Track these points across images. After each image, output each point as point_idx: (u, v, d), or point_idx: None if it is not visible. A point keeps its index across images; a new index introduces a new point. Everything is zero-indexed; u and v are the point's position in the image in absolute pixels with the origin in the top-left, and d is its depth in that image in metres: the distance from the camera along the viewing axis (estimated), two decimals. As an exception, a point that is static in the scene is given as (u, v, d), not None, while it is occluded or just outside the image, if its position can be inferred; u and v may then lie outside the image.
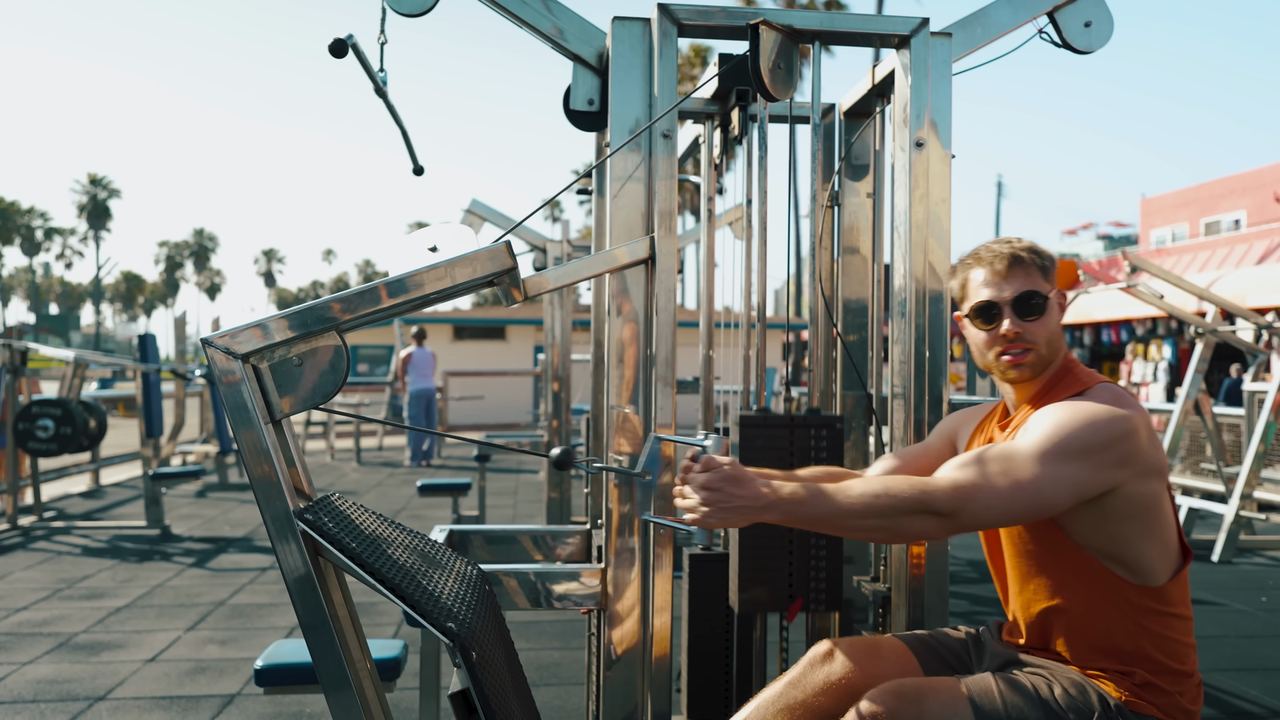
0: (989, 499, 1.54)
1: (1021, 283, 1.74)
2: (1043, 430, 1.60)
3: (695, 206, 30.55)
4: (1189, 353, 9.39)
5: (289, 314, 1.49)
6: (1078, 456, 1.56)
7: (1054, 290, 1.77)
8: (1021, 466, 1.56)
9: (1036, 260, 1.76)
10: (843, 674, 1.76)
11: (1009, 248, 1.77)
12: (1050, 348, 1.75)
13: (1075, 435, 1.57)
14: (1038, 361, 1.75)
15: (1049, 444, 1.57)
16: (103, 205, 72.30)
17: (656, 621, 2.11)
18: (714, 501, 1.53)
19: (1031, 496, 1.55)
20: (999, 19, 2.27)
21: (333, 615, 1.47)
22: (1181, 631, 1.68)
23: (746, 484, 1.54)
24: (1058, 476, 1.55)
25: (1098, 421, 1.58)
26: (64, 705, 3.32)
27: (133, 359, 7.56)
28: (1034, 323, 1.74)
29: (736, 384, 2.87)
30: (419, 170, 2.37)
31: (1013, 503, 1.55)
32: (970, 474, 1.57)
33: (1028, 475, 1.55)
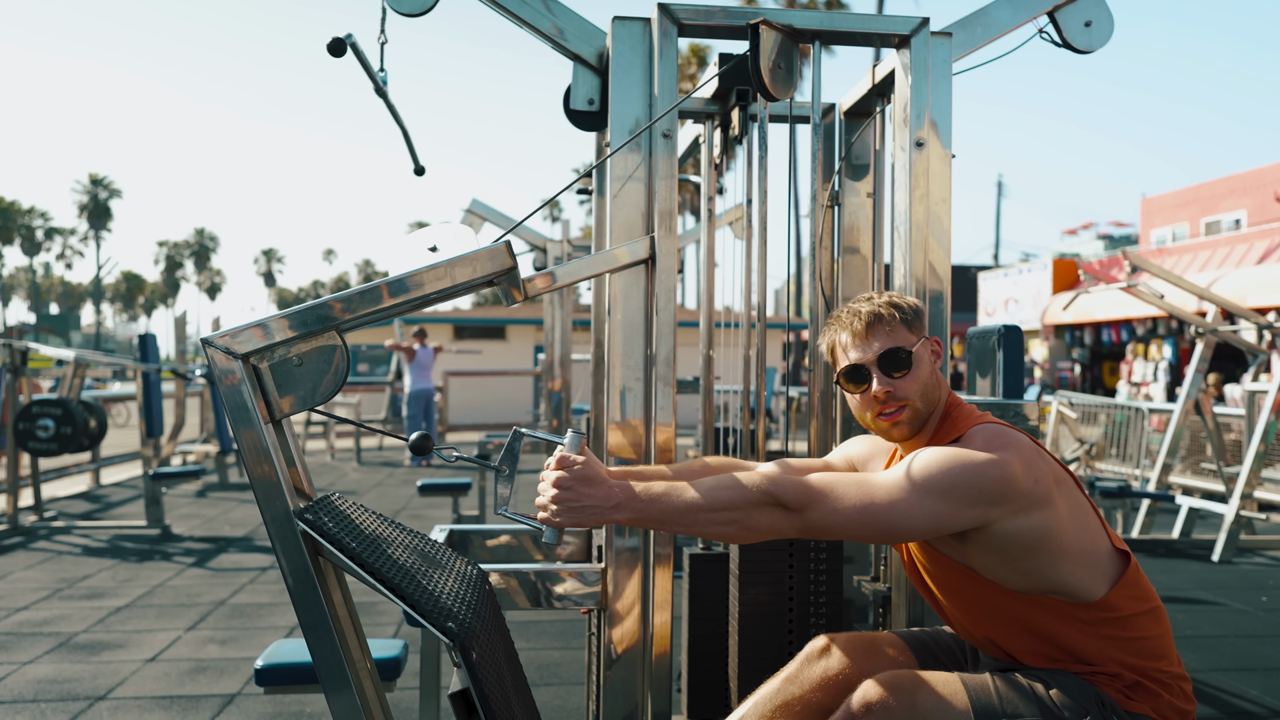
0: (835, 506, 1.55)
1: (884, 340, 1.73)
2: (908, 464, 1.61)
3: (695, 206, 30.51)
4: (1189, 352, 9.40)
5: (289, 314, 1.49)
6: (938, 494, 1.56)
7: (920, 340, 1.75)
8: (877, 491, 1.57)
9: (896, 315, 1.74)
10: (840, 669, 1.76)
11: (868, 305, 1.76)
12: (926, 400, 1.74)
13: (938, 474, 1.57)
14: (914, 417, 1.74)
15: (911, 477, 1.58)
16: (103, 205, 72.33)
17: (656, 621, 2.11)
18: (564, 500, 1.54)
19: (881, 517, 1.55)
20: (999, 19, 2.27)
21: (333, 615, 1.47)
22: (1145, 627, 1.66)
23: (597, 484, 1.55)
24: (912, 505, 1.55)
25: (963, 463, 1.58)
26: (64, 705, 3.32)
27: (133, 359, 7.56)
28: (902, 379, 1.72)
29: (736, 384, 2.88)
30: (420, 170, 2.38)
31: (860, 515, 1.55)
32: (828, 480, 1.58)
33: (882, 498, 1.56)
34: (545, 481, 1.58)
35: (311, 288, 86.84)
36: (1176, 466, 7.34)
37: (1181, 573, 5.65)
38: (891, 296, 1.79)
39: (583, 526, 1.56)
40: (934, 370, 1.76)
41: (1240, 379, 10.63)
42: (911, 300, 1.79)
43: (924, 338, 1.76)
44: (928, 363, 1.75)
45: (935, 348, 1.78)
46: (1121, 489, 6.24)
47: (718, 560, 2.53)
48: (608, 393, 2.14)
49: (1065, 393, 9.63)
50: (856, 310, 1.77)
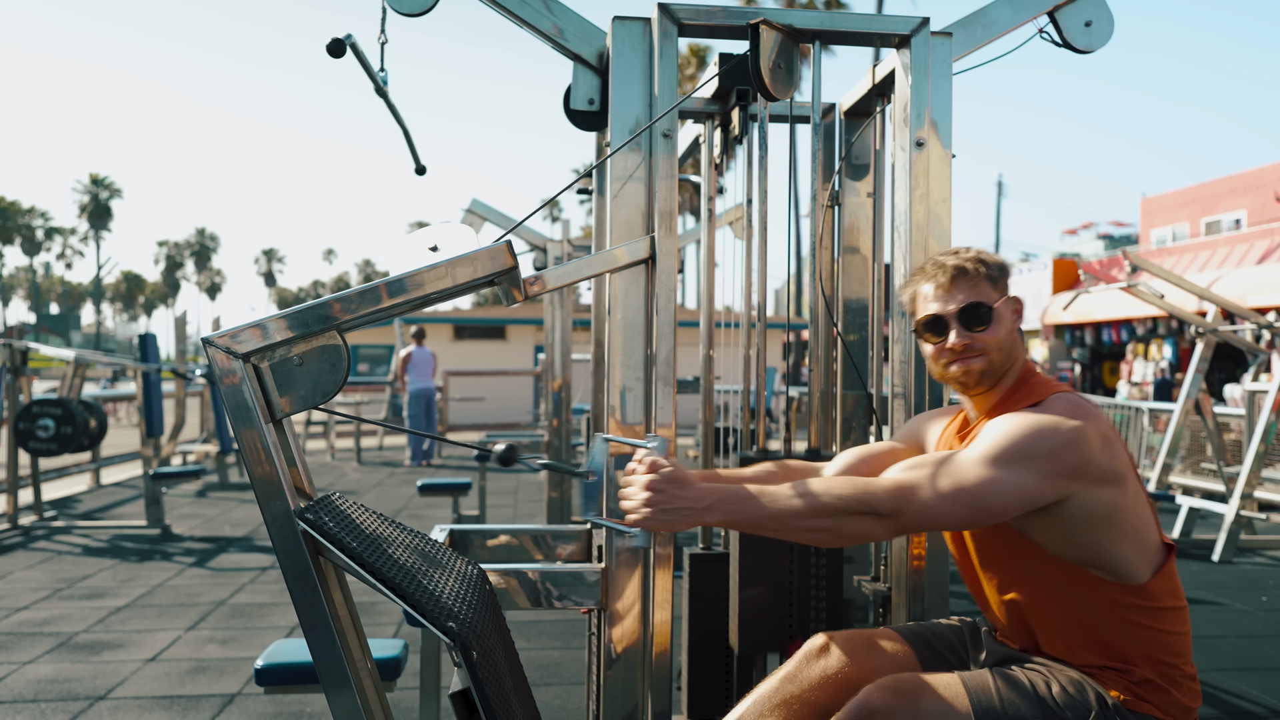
0: (930, 500, 1.54)
1: (967, 294, 1.73)
2: (990, 438, 1.60)
3: (695, 206, 30.55)
4: (1189, 352, 9.39)
5: (289, 313, 1.49)
6: (1023, 464, 1.55)
7: (1004, 298, 1.76)
8: (965, 471, 1.56)
9: (982, 270, 1.75)
10: (839, 668, 1.76)
11: (954, 259, 1.77)
12: (1003, 355, 1.74)
13: (1022, 443, 1.57)
14: (989, 369, 1.74)
15: (995, 451, 1.57)
16: (104, 205, 72.32)
17: (657, 621, 2.11)
18: (656, 503, 1.53)
19: (974, 500, 1.54)
20: (999, 18, 2.27)
21: (333, 615, 1.47)
22: (1172, 623, 1.67)
23: (688, 485, 1.55)
24: (1003, 483, 1.55)
25: (1045, 430, 1.58)
26: (64, 705, 3.32)
27: (133, 359, 7.56)
28: (982, 332, 1.73)
29: (737, 384, 2.88)
30: (420, 170, 2.38)
31: (954, 506, 1.55)
32: (913, 476, 1.57)
33: (971, 480, 1.55)
34: (634, 485, 1.57)
35: (312, 288, 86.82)
36: (1176, 466, 7.34)
37: (1182, 573, 5.60)
38: (979, 252, 1.79)
39: (673, 530, 1.56)
40: (1013, 330, 1.76)
41: (1240, 379, 10.62)
42: (997, 258, 1.79)
43: (1007, 296, 1.76)
44: (1008, 321, 1.75)
45: (1017, 307, 1.78)
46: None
47: (718, 560, 2.53)
48: (608, 392, 2.14)
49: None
50: (941, 263, 1.78)
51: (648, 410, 2.11)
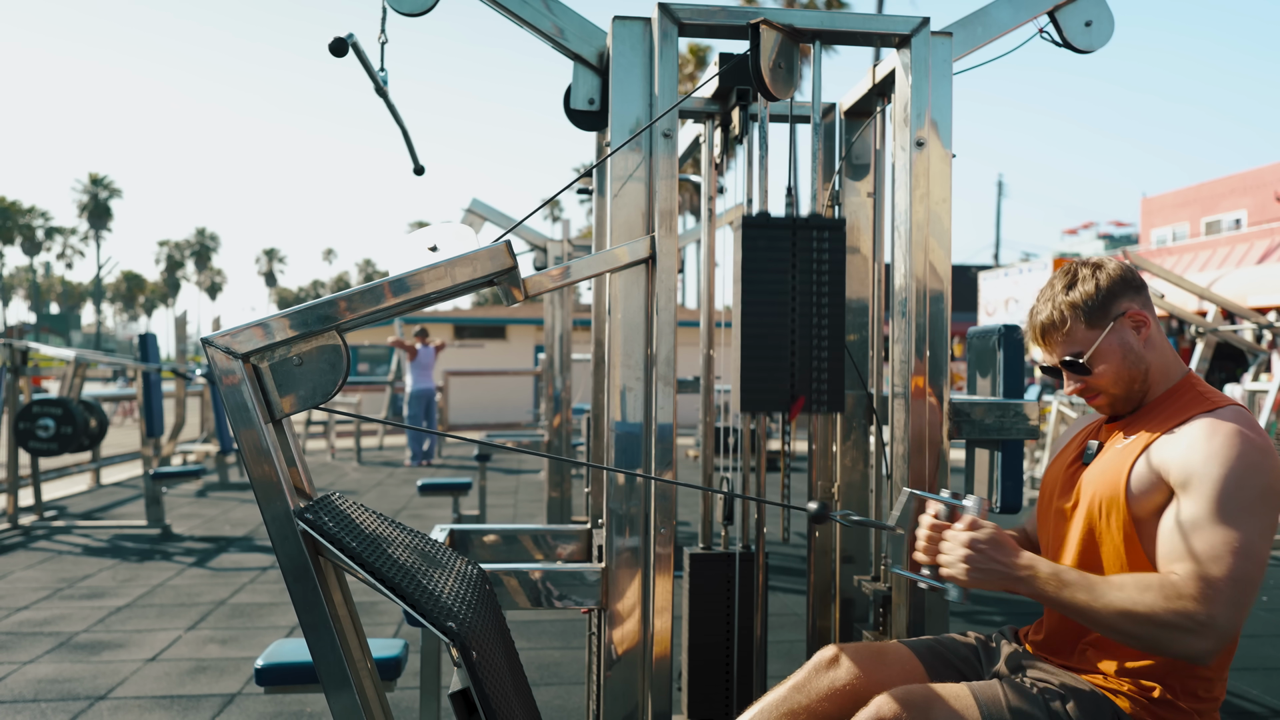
0: (1236, 596, 1.47)
1: (1062, 347, 1.73)
2: (1209, 502, 1.52)
3: (695, 206, 30.55)
4: (1189, 352, 9.39)
5: (289, 313, 1.49)
6: (1254, 511, 1.51)
7: (1108, 329, 1.70)
8: (1228, 555, 1.49)
9: (1070, 314, 1.71)
10: (847, 680, 1.75)
11: (1045, 309, 1.75)
12: (1125, 383, 1.71)
13: (1252, 483, 1.52)
14: (1116, 400, 1.74)
15: (1232, 501, 1.51)
16: (104, 205, 72.31)
17: (657, 621, 2.11)
18: (974, 561, 1.55)
19: (1255, 576, 1.49)
20: (999, 18, 2.27)
21: (333, 615, 1.47)
22: (1217, 668, 1.64)
23: (1010, 551, 1.56)
24: (1253, 545, 1.49)
25: (1256, 491, 1.52)
26: (65, 705, 3.32)
27: (133, 358, 7.56)
28: (1091, 376, 1.72)
29: (737, 383, 2.87)
30: (419, 170, 2.37)
31: (1244, 596, 1.49)
32: (1199, 582, 1.48)
33: (1238, 558, 1.48)
34: (952, 542, 1.59)
35: (312, 287, 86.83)
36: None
37: (1182, 572, 5.64)
38: (1071, 289, 1.73)
39: (987, 589, 1.59)
40: (1130, 351, 1.70)
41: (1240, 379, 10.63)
42: (1091, 287, 1.71)
43: (1114, 321, 1.70)
44: (1117, 350, 1.70)
45: (1136, 319, 1.71)
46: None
47: (718, 560, 2.53)
48: (608, 392, 2.14)
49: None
50: (1035, 310, 1.77)
51: (648, 410, 2.11)
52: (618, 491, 2.10)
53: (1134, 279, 1.74)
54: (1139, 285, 1.74)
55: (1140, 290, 1.74)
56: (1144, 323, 1.72)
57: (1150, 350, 1.72)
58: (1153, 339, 1.72)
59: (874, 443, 2.58)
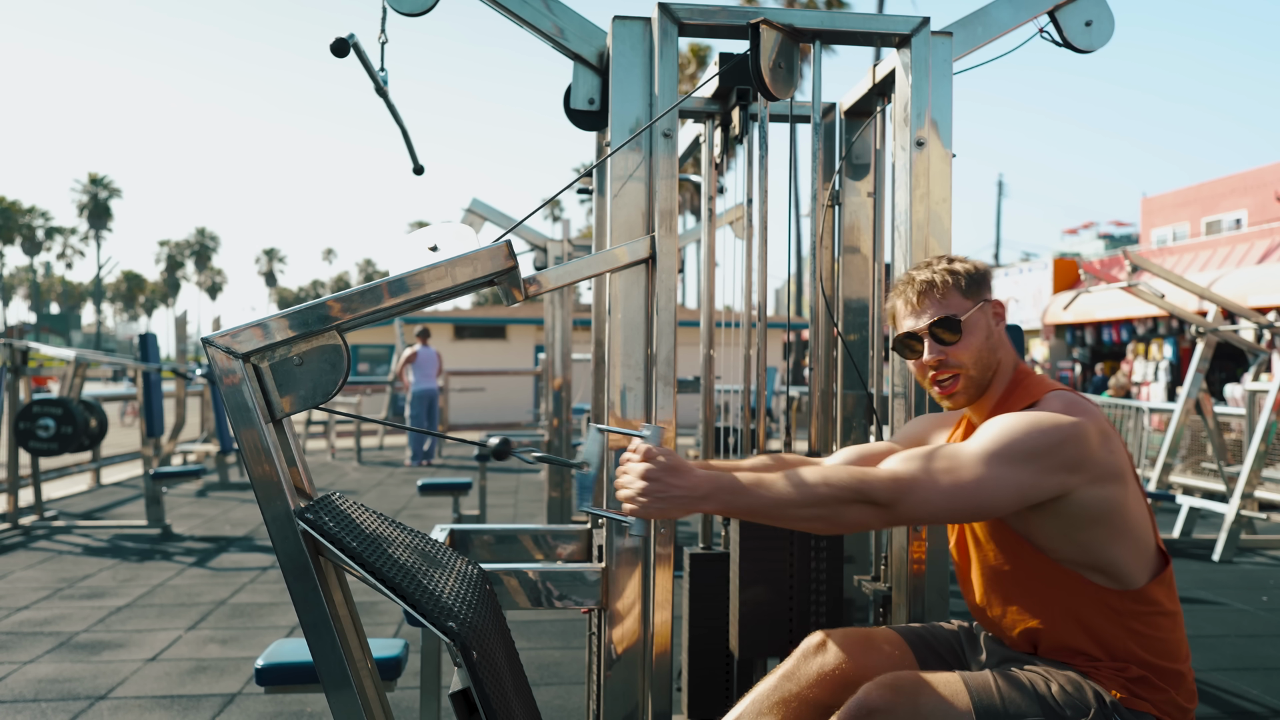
0: (928, 493, 1.54)
1: (935, 309, 1.74)
2: (989, 434, 1.60)
3: (696, 206, 30.54)
4: (1190, 352, 9.39)
5: (289, 313, 1.49)
6: (1022, 460, 1.56)
7: (979, 305, 1.75)
8: (965, 467, 1.56)
9: (950, 280, 1.75)
10: (836, 664, 1.77)
11: (923, 273, 1.78)
12: (980, 365, 1.74)
13: (1021, 439, 1.57)
14: (969, 385, 1.75)
15: (994, 447, 1.57)
16: (104, 205, 72.33)
17: (657, 620, 2.11)
18: (652, 492, 1.51)
19: (972, 496, 1.54)
20: (1000, 18, 2.27)
21: (333, 614, 1.47)
22: (1169, 629, 1.68)
23: (684, 473, 1.53)
24: (1001, 478, 1.55)
25: (1044, 427, 1.58)
26: (65, 704, 3.32)
27: (133, 358, 7.56)
28: (955, 346, 1.73)
29: (737, 383, 2.88)
30: (419, 170, 2.38)
31: (952, 500, 1.54)
32: (912, 467, 1.57)
33: (970, 475, 1.55)
34: (629, 474, 1.55)
35: (312, 287, 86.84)
36: (1177, 466, 7.34)
37: (1182, 572, 5.64)
38: (952, 262, 1.78)
39: (670, 517, 1.55)
40: (991, 335, 1.75)
41: (1241, 378, 10.62)
42: (971, 265, 1.78)
43: (984, 301, 1.76)
44: (983, 328, 1.75)
45: (998, 310, 1.77)
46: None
47: (718, 560, 2.53)
48: (608, 392, 2.14)
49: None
50: (912, 277, 1.79)
51: (648, 410, 2.11)
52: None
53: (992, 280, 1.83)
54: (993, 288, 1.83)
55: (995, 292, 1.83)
56: (1001, 316, 1.79)
57: (1002, 347, 1.77)
58: (1003, 336, 1.78)
59: (874, 443, 2.58)
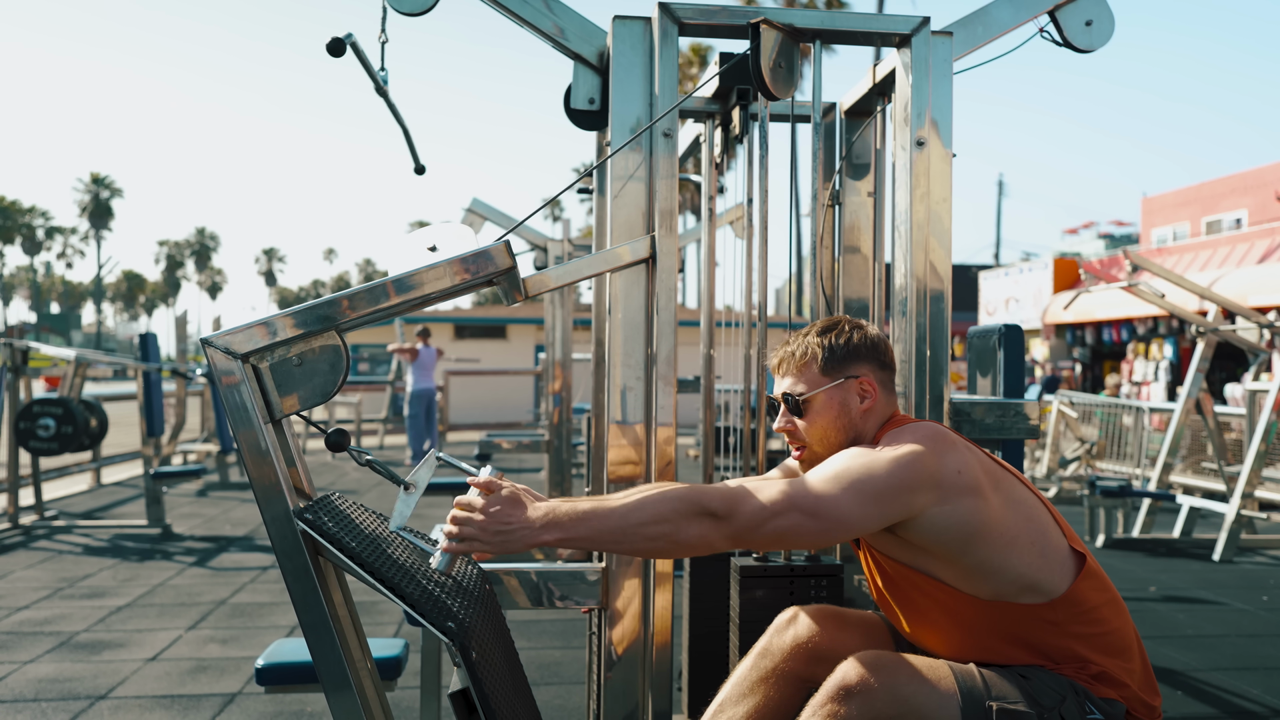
0: (761, 505, 1.54)
1: (790, 380, 1.77)
2: (828, 464, 1.62)
3: (696, 205, 30.54)
4: (1190, 351, 9.39)
5: (288, 314, 1.49)
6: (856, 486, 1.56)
7: (837, 382, 1.74)
8: (803, 484, 1.57)
9: (811, 354, 1.75)
10: (809, 636, 1.78)
11: (795, 342, 1.79)
12: (826, 444, 1.74)
13: (854, 466, 1.59)
14: (814, 457, 1.75)
15: (830, 473, 1.59)
16: (104, 204, 72.34)
17: (657, 620, 2.11)
18: (491, 524, 1.48)
19: (811, 508, 1.54)
20: (1000, 18, 2.27)
21: (333, 614, 1.47)
22: (1111, 616, 1.67)
23: (523, 505, 1.51)
24: (838, 500, 1.55)
25: (875, 456, 1.60)
26: (65, 704, 3.32)
27: (134, 358, 7.56)
28: (800, 420, 1.76)
29: (737, 383, 2.87)
30: (420, 169, 2.37)
31: (792, 511, 1.54)
32: (751, 482, 1.60)
33: (808, 495, 1.55)
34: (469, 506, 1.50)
35: (312, 287, 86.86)
36: (1177, 466, 7.34)
37: (1182, 572, 5.64)
38: (828, 333, 1.77)
39: (510, 551, 1.51)
40: (845, 412, 1.74)
41: (1241, 378, 10.63)
42: (841, 343, 1.76)
43: (846, 379, 1.74)
44: (833, 410, 1.74)
45: (864, 390, 1.75)
46: (1122, 488, 6.23)
47: (718, 560, 2.53)
48: (608, 392, 2.14)
49: (1066, 392, 9.63)
50: (786, 340, 1.81)
51: (648, 409, 2.11)
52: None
53: (885, 354, 1.80)
54: (885, 362, 1.79)
55: (884, 366, 1.79)
56: (870, 394, 1.75)
57: (864, 422, 1.75)
58: (873, 413, 1.75)
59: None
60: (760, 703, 1.77)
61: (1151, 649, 4.01)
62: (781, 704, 1.77)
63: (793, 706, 1.75)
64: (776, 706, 1.77)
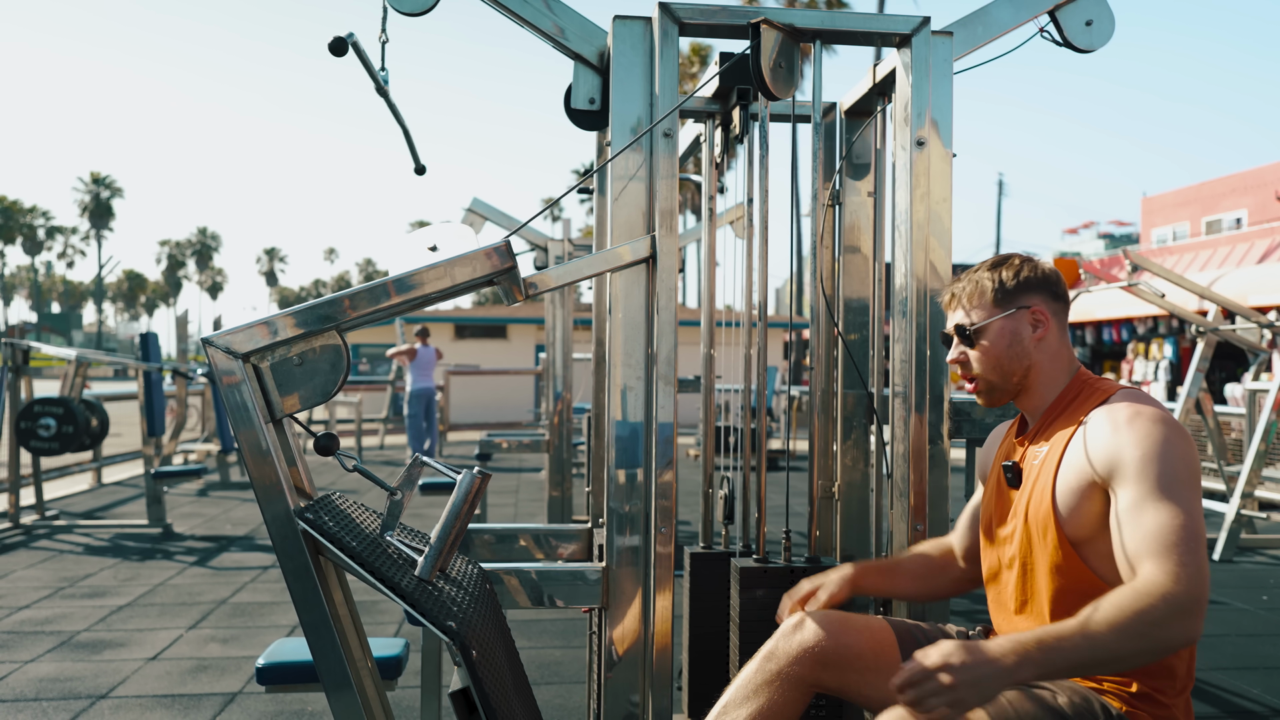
0: (1203, 563, 1.45)
1: (961, 313, 1.80)
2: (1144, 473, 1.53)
3: (696, 205, 30.55)
4: (1190, 351, 9.39)
5: (289, 313, 1.49)
6: (1187, 482, 1.53)
7: (1008, 313, 1.74)
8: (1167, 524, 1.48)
9: (981, 286, 1.77)
10: (815, 641, 1.77)
11: (966, 276, 1.82)
12: (1001, 373, 1.75)
13: (1169, 462, 1.53)
14: (988, 388, 1.77)
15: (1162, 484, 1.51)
16: (105, 204, 72.34)
17: (657, 620, 2.11)
18: (963, 682, 1.37)
19: (1198, 525, 1.50)
20: (1000, 18, 2.27)
21: (333, 614, 1.47)
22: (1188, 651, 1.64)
23: (979, 649, 1.40)
24: (1194, 506, 1.51)
25: (1171, 439, 1.55)
26: (66, 704, 3.33)
27: (135, 358, 7.57)
28: (974, 351, 1.77)
29: (738, 383, 2.88)
30: (420, 169, 2.38)
31: (1199, 544, 1.48)
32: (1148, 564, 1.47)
33: (1179, 528, 1.47)
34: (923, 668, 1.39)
35: (313, 287, 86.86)
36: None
37: (1183, 572, 5.64)
38: (997, 267, 1.79)
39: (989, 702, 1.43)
40: (1018, 344, 1.74)
41: (1241, 378, 10.62)
42: (1011, 276, 1.77)
43: (1018, 309, 1.75)
44: (1006, 337, 1.75)
45: (1037, 318, 1.75)
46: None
47: (719, 559, 2.53)
48: (609, 391, 2.14)
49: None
50: (957, 277, 1.84)
51: (648, 409, 2.11)
52: (618, 491, 2.10)
53: (1056, 286, 1.79)
54: (1058, 293, 1.79)
55: (1058, 298, 1.79)
56: (1044, 322, 1.76)
57: (1040, 351, 1.76)
58: (1048, 342, 1.76)
59: (874, 442, 2.58)
60: (765, 705, 1.77)
61: (1152, 649, 4.01)
62: (785, 707, 1.77)
63: (796, 709, 1.76)
64: (781, 709, 1.77)
